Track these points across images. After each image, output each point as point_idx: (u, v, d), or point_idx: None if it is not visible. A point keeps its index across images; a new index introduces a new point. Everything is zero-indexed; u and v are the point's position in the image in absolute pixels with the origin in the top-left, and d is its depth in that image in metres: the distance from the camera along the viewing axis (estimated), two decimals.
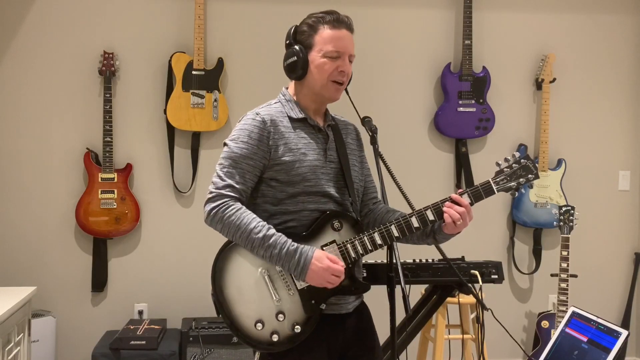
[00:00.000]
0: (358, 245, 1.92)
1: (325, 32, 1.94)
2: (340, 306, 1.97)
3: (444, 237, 2.00)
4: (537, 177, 2.01)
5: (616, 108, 4.23)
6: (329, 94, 1.99)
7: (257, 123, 1.93)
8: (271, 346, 1.88)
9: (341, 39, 1.95)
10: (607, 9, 4.19)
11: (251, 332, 1.87)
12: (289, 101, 2.02)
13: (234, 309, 1.88)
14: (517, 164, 1.99)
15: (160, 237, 3.86)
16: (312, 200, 1.94)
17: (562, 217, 3.52)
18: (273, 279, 1.89)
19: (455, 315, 3.43)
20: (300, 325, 1.88)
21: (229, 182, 1.90)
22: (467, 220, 1.93)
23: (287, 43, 2.00)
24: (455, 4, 4.05)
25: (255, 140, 1.91)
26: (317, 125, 2.00)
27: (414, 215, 1.93)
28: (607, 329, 2.33)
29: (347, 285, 1.92)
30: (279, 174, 1.93)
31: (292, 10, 3.86)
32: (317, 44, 1.95)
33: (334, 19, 1.95)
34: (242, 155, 1.91)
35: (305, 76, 1.97)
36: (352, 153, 2.09)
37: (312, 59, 1.95)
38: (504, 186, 1.98)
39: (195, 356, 3.41)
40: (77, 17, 3.78)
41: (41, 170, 3.77)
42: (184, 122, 3.74)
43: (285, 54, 2.00)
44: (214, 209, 1.88)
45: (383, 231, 1.92)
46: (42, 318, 3.56)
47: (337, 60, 1.95)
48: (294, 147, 1.93)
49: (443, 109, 3.99)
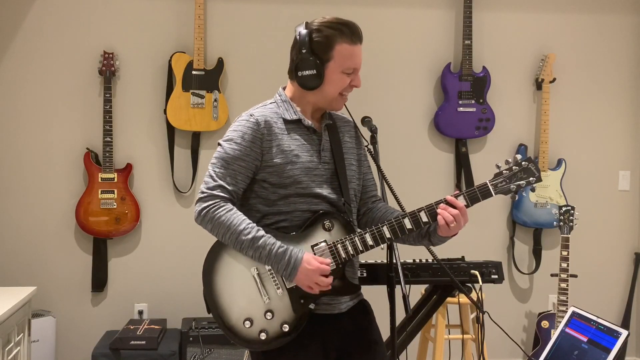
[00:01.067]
0: (349, 245, 1.91)
1: (344, 47, 1.92)
2: (332, 306, 1.97)
3: (438, 240, 1.98)
4: (539, 180, 1.93)
5: (616, 108, 4.23)
6: (338, 106, 2.01)
7: (250, 124, 1.93)
8: (260, 344, 1.88)
9: (358, 55, 1.95)
10: (607, 9, 4.19)
11: (240, 329, 1.88)
12: (284, 102, 2.01)
13: (224, 306, 1.89)
14: (518, 166, 1.93)
15: (160, 237, 3.86)
16: (305, 201, 1.94)
17: (562, 217, 3.52)
18: (263, 277, 1.89)
19: (455, 315, 3.43)
20: (288, 324, 1.88)
21: (220, 182, 1.90)
22: (461, 223, 1.90)
23: (302, 51, 1.94)
24: (455, 4, 4.05)
25: (248, 142, 1.92)
26: (311, 127, 1.99)
27: (407, 216, 1.91)
28: (607, 329, 2.33)
29: (338, 286, 1.91)
30: (271, 175, 1.93)
31: (292, 10, 3.87)
32: (336, 59, 1.92)
33: (351, 33, 1.93)
34: (235, 156, 1.91)
35: (319, 88, 1.95)
36: (349, 152, 2.07)
37: (328, 73, 1.93)
38: (502, 188, 1.92)
39: (195, 356, 3.41)
40: (77, 17, 3.78)
41: (41, 170, 3.77)
42: (184, 122, 3.74)
43: (299, 64, 1.94)
44: (204, 209, 1.89)
45: (375, 232, 1.91)
46: (42, 318, 3.56)
47: (351, 75, 1.96)
48: (287, 149, 1.93)
49: (443, 109, 3.99)
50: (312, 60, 1.92)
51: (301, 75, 1.95)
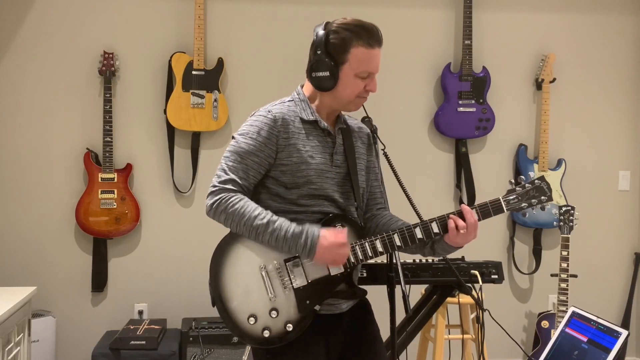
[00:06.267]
0: (358, 250, 1.91)
1: (360, 51, 1.91)
2: (334, 306, 1.97)
3: (442, 248, 1.97)
4: (551, 200, 1.97)
5: (616, 108, 4.23)
6: (354, 108, 2.00)
7: (268, 121, 1.92)
8: (262, 341, 1.88)
9: (374, 59, 1.94)
10: (607, 9, 4.19)
11: (244, 325, 1.88)
12: (302, 101, 1.99)
13: (229, 301, 1.88)
14: (531, 184, 1.96)
15: (160, 237, 3.86)
16: (315, 203, 1.94)
17: (562, 217, 3.52)
18: (270, 275, 1.89)
19: (455, 315, 3.43)
20: (292, 324, 1.87)
21: (232, 176, 1.90)
22: (471, 233, 1.91)
23: (317, 52, 1.92)
24: (455, 4, 4.05)
25: (264, 138, 1.90)
26: (327, 129, 1.98)
27: (419, 226, 1.92)
28: (607, 329, 2.33)
29: (344, 290, 1.92)
30: (284, 174, 1.92)
31: (292, 10, 3.87)
32: (350, 61, 1.91)
33: (369, 37, 1.91)
34: (249, 151, 1.90)
35: (332, 89, 1.94)
36: (360, 157, 2.07)
37: (342, 76, 1.92)
38: (514, 206, 1.96)
39: (195, 356, 3.41)
40: (77, 17, 3.78)
41: (41, 170, 3.77)
42: (184, 122, 3.74)
43: (314, 64, 1.93)
44: (216, 201, 1.88)
45: (385, 239, 1.91)
46: (42, 318, 3.56)
47: (366, 79, 1.95)
48: (302, 149, 1.92)
49: (443, 109, 3.99)
50: (327, 62, 1.91)
51: (315, 76, 1.94)
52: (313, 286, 1.89)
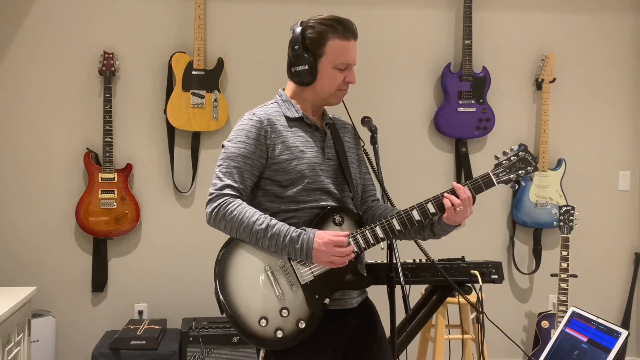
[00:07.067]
0: (360, 239, 1.92)
1: (336, 43, 1.94)
2: (344, 301, 1.98)
3: (442, 229, 2.00)
4: (537, 170, 2.03)
5: (616, 108, 4.23)
6: (335, 101, 2.03)
7: (253, 122, 1.95)
8: (276, 342, 1.87)
9: (350, 51, 1.97)
10: (607, 9, 4.19)
11: (255, 329, 1.86)
12: (285, 101, 2.03)
13: (238, 306, 1.87)
14: (516, 157, 2.02)
15: (160, 237, 3.86)
16: (313, 197, 1.95)
17: (562, 217, 3.52)
18: (276, 275, 1.89)
19: (455, 315, 3.43)
20: (304, 320, 1.88)
21: (227, 182, 1.92)
22: (467, 209, 1.93)
23: (295, 48, 1.97)
24: (455, 4, 4.05)
25: (253, 140, 1.93)
26: (314, 124, 2.02)
27: (415, 208, 1.94)
28: (607, 329, 2.33)
29: (351, 280, 1.93)
30: (277, 173, 1.94)
31: (292, 10, 3.87)
32: (327, 54, 1.95)
33: (344, 30, 1.95)
34: (240, 154, 1.93)
35: (313, 83, 1.98)
36: (349, 151, 2.10)
37: (321, 69, 1.96)
38: (503, 178, 2.00)
39: (195, 356, 3.41)
40: (77, 17, 3.78)
41: (41, 170, 3.77)
42: (184, 122, 3.74)
43: (293, 60, 1.98)
44: (215, 208, 1.89)
45: (385, 224, 1.93)
46: (42, 318, 3.56)
47: (345, 70, 1.97)
48: (292, 145, 1.95)
49: (443, 109, 3.99)
50: (305, 57, 1.95)
51: (295, 72, 1.98)
52: (320, 280, 1.90)
